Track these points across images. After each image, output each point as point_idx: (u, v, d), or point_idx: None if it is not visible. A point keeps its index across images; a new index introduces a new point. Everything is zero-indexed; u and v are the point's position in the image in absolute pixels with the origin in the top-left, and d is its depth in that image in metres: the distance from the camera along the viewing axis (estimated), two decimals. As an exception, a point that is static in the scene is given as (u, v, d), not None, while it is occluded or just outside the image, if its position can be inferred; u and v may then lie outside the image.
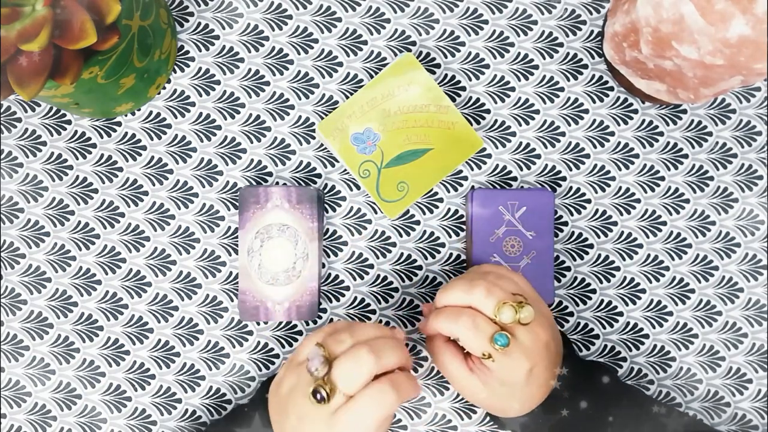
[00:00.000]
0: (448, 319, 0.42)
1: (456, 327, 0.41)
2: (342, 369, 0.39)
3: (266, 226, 0.50)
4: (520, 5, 0.53)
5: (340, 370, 0.39)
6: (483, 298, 0.41)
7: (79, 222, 0.53)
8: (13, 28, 0.38)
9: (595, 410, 0.44)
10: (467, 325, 0.41)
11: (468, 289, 0.42)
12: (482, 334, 0.41)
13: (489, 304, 0.41)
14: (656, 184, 0.53)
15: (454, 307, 0.43)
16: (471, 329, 0.41)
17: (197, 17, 0.53)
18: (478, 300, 0.42)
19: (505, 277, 0.44)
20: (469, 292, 0.42)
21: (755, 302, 0.53)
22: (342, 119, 0.50)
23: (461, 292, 0.42)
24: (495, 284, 0.42)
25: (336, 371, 0.39)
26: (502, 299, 0.41)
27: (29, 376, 0.53)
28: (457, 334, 0.42)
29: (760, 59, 0.38)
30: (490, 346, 0.41)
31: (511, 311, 0.41)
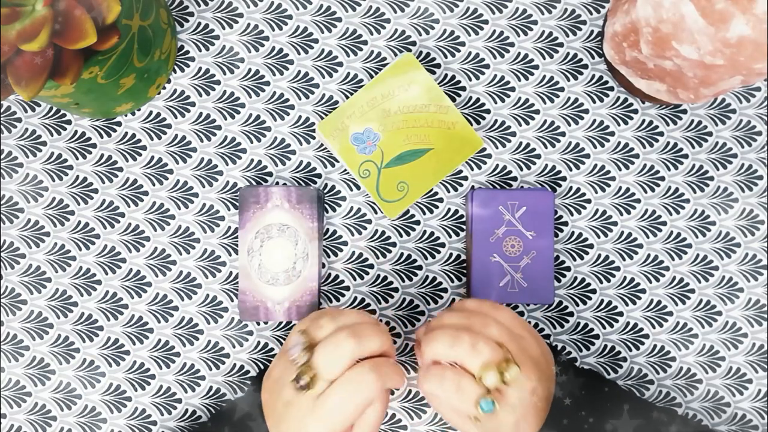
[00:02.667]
0: (434, 381, 0.40)
1: (441, 391, 0.40)
2: (322, 354, 0.39)
3: (266, 226, 0.50)
4: (520, 5, 0.53)
5: (320, 356, 0.39)
6: (468, 356, 0.40)
7: (79, 222, 0.53)
8: (13, 28, 0.38)
9: (595, 418, 0.44)
10: (452, 390, 0.40)
11: (452, 344, 0.40)
12: (467, 399, 0.39)
13: (474, 363, 0.40)
14: (656, 184, 0.53)
15: (438, 367, 0.41)
16: (455, 394, 0.40)
17: (197, 17, 0.53)
18: (462, 357, 0.40)
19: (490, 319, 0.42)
20: (453, 347, 0.40)
21: (755, 302, 0.53)
22: (342, 119, 0.50)
23: (445, 347, 0.41)
24: (479, 337, 0.40)
25: (316, 357, 0.40)
26: (487, 360, 0.40)
27: (29, 376, 0.53)
28: (443, 397, 0.40)
29: (760, 59, 0.38)
30: (476, 410, 0.39)
31: (495, 376, 0.39)
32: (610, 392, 0.46)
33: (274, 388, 0.42)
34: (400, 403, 0.53)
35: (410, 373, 0.53)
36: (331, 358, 0.39)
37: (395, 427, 0.53)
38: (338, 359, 0.39)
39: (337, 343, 0.39)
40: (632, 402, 0.46)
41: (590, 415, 0.44)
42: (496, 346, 0.40)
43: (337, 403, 0.39)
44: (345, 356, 0.39)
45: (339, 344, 0.39)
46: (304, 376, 0.39)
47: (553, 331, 0.53)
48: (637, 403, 0.46)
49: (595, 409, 0.44)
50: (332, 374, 0.39)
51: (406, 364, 0.53)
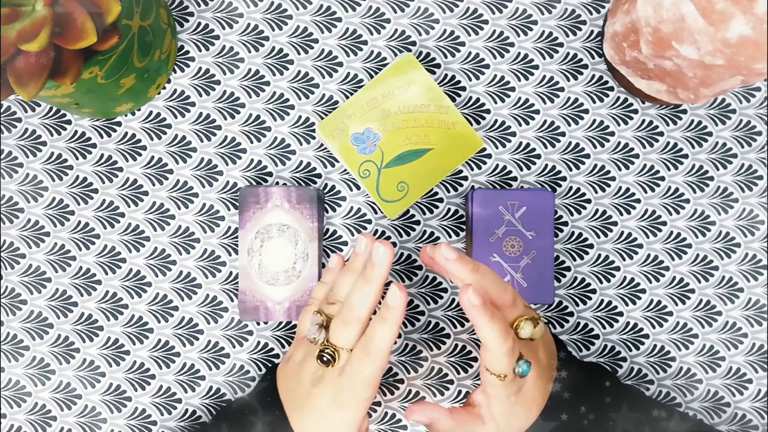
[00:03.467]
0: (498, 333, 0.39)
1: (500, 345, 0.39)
2: (334, 330, 0.41)
3: (266, 226, 0.50)
4: (520, 5, 0.53)
5: (333, 332, 0.41)
6: (510, 305, 0.41)
7: (79, 222, 0.53)
8: (13, 28, 0.38)
9: (595, 414, 0.44)
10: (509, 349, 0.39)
11: (502, 288, 0.41)
12: (512, 359, 0.40)
13: (514, 312, 0.41)
14: (656, 184, 0.53)
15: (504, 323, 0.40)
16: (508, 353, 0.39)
17: (197, 17, 0.53)
18: (505, 304, 0.41)
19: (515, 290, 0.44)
20: (503, 292, 0.41)
21: (755, 302, 0.53)
22: (342, 119, 0.50)
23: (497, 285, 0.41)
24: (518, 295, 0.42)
25: (331, 334, 0.41)
26: (523, 312, 0.41)
27: (29, 376, 0.53)
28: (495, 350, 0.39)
29: (760, 59, 0.38)
30: (511, 371, 0.40)
31: (530, 327, 0.41)
32: (610, 387, 0.46)
33: (296, 373, 0.43)
34: (399, 403, 0.53)
35: (410, 373, 0.53)
36: (343, 334, 0.41)
37: (395, 427, 0.53)
38: (348, 332, 0.41)
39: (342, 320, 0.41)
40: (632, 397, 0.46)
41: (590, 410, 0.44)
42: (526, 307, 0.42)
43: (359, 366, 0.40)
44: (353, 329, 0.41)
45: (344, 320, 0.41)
46: (327, 353, 0.41)
47: (553, 331, 0.53)
48: (637, 399, 0.46)
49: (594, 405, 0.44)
50: (351, 344, 0.41)
51: (406, 364, 0.53)
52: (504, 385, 0.40)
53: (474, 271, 0.41)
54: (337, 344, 0.41)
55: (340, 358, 0.41)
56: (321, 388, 0.41)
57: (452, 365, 0.53)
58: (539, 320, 0.41)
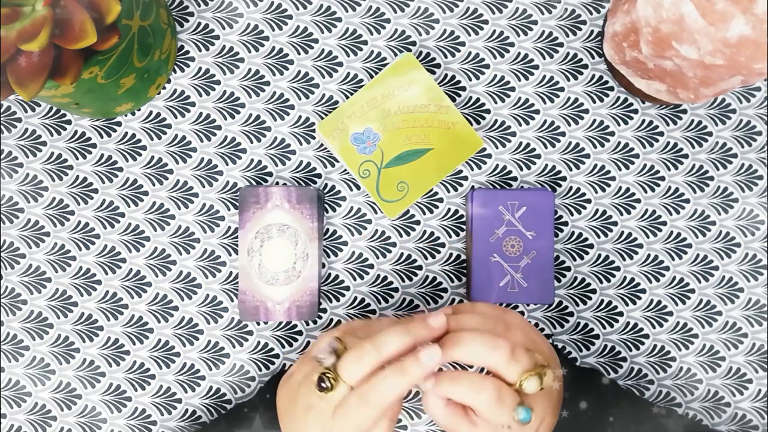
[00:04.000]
0: (469, 390, 0.38)
1: (478, 400, 0.38)
2: (347, 361, 0.39)
3: (266, 226, 0.50)
4: (520, 5, 0.53)
5: (345, 362, 0.39)
6: (506, 365, 0.38)
7: (79, 222, 0.53)
8: (13, 28, 0.38)
9: (595, 411, 0.44)
10: (492, 399, 0.37)
11: (491, 350, 0.38)
12: (506, 409, 0.38)
13: (513, 372, 0.38)
14: (656, 184, 0.53)
15: (474, 375, 0.38)
16: (495, 404, 0.37)
17: (197, 17, 0.53)
18: (501, 365, 0.38)
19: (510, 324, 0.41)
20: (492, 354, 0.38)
21: (755, 302, 0.53)
22: (342, 119, 0.50)
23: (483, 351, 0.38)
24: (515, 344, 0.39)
25: (342, 363, 0.39)
26: (526, 367, 0.38)
27: (29, 376, 0.53)
28: (477, 406, 0.38)
29: (760, 59, 0.38)
30: (511, 419, 0.38)
31: (536, 382, 0.38)
32: (609, 385, 0.46)
33: (296, 391, 0.41)
34: (400, 403, 0.53)
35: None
36: (354, 368, 0.39)
37: (395, 427, 0.53)
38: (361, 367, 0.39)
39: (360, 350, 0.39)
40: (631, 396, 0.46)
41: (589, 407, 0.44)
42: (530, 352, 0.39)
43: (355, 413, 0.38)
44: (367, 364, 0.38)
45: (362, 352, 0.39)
46: (327, 378, 0.38)
47: (553, 331, 0.53)
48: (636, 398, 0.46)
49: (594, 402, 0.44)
50: (354, 380, 0.39)
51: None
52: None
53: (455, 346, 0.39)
54: (341, 375, 0.39)
55: (337, 390, 0.39)
56: (312, 417, 0.39)
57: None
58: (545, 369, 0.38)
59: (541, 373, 0.38)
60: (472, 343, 0.38)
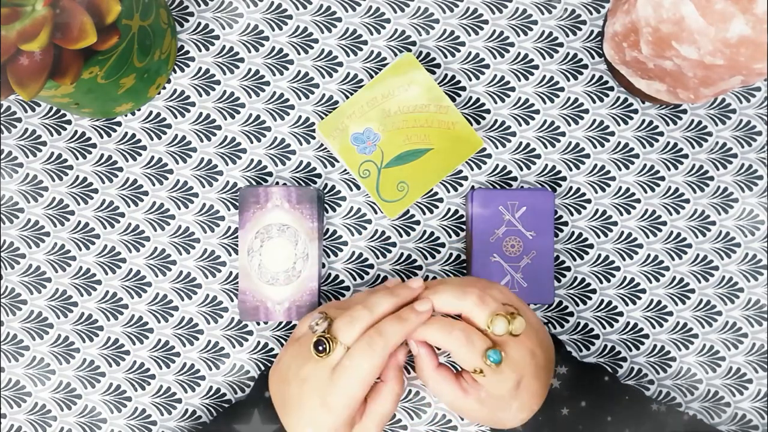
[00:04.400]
0: (439, 331, 0.41)
1: (448, 340, 0.40)
2: (341, 323, 0.41)
3: (266, 226, 0.50)
4: (520, 5, 0.53)
5: (339, 324, 0.41)
6: (475, 307, 0.41)
7: (79, 222, 0.53)
8: (13, 28, 0.38)
9: (595, 408, 0.44)
10: (460, 341, 0.40)
11: (460, 296, 0.41)
12: (475, 350, 0.40)
13: (481, 314, 0.41)
14: (656, 184, 0.53)
15: (445, 319, 0.41)
16: (464, 345, 0.40)
17: (197, 17, 0.53)
18: (470, 308, 0.41)
19: (494, 286, 0.43)
20: (461, 299, 0.41)
21: (755, 302, 0.53)
22: (342, 119, 0.50)
23: (453, 297, 0.41)
24: (486, 293, 0.41)
25: (336, 325, 0.41)
26: (495, 310, 0.41)
27: (29, 376, 0.53)
28: (449, 347, 0.40)
29: (760, 59, 0.38)
30: (482, 362, 0.40)
31: (503, 323, 0.40)
32: (610, 383, 0.46)
33: (287, 371, 0.42)
34: (400, 403, 0.53)
35: (410, 373, 0.53)
36: (349, 326, 0.41)
37: (395, 427, 0.53)
38: (354, 327, 0.40)
39: (352, 312, 0.41)
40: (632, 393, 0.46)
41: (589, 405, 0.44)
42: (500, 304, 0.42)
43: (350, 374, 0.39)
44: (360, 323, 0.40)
45: (354, 313, 0.41)
46: (324, 340, 0.40)
47: (553, 331, 0.53)
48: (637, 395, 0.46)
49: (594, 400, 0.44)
50: (350, 339, 0.40)
51: (407, 364, 0.53)
52: (491, 381, 0.40)
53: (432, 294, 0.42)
54: (337, 336, 0.40)
55: (335, 351, 0.40)
56: (309, 388, 0.40)
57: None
58: (516, 315, 0.40)
59: (509, 318, 0.40)
60: (443, 291, 0.42)
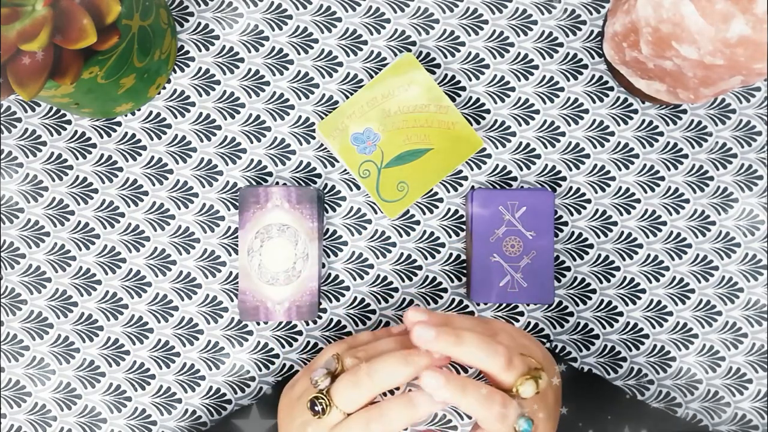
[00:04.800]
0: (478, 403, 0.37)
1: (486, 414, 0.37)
2: (340, 387, 0.38)
3: (266, 226, 0.50)
4: (520, 5, 0.53)
5: (338, 387, 0.38)
6: (503, 371, 0.38)
7: (79, 222, 0.53)
8: (13, 28, 0.38)
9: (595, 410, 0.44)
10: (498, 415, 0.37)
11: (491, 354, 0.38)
12: (509, 423, 0.37)
13: (509, 377, 0.38)
14: (656, 184, 0.53)
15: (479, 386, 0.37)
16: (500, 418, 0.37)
17: (197, 17, 0.53)
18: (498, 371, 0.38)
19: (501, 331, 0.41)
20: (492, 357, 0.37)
21: (755, 302, 0.53)
22: (342, 119, 0.50)
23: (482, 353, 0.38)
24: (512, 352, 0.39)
25: (335, 387, 0.38)
26: (522, 372, 0.38)
27: (29, 376, 0.53)
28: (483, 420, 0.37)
29: (760, 59, 0.38)
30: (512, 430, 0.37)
31: (533, 386, 0.38)
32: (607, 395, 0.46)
33: (294, 405, 0.41)
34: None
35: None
36: (348, 394, 0.38)
37: (395, 427, 0.53)
38: (355, 396, 0.38)
39: (355, 379, 0.38)
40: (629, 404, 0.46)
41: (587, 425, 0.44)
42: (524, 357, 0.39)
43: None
44: (361, 395, 0.38)
45: (356, 381, 0.38)
46: (320, 403, 0.38)
47: (553, 331, 0.53)
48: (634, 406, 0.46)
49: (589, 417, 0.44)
50: (348, 408, 0.38)
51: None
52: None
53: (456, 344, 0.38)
54: (334, 400, 0.38)
55: (331, 415, 0.38)
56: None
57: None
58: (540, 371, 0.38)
59: (537, 376, 0.38)
60: (472, 344, 0.38)
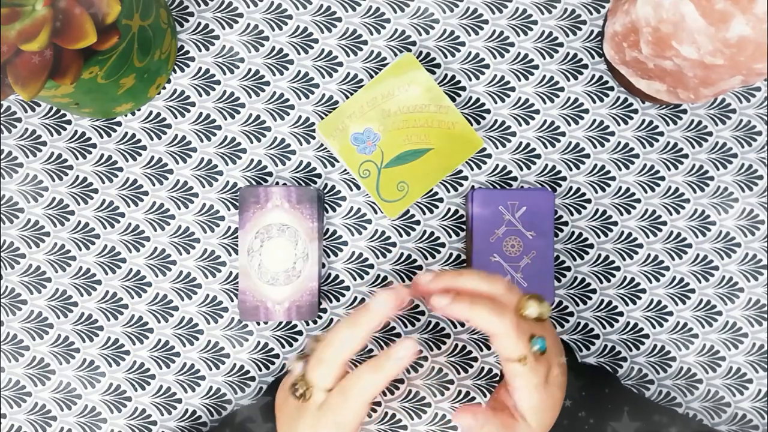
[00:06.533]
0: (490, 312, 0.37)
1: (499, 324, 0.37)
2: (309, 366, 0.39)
3: (266, 226, 0.50)
4: (520, 5, 0.53)
5: (308, 368, 0.40)
6: (506, 291, 0.39)
7: (79, 222, 0.53)
8: (13, 28, 0.38)
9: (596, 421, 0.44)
10: (512, 325, 0.37)
11: (489, 279, 0.39)
12: (524, 336, 0.37)
13: (513, 297, 0.39)
14: (656, 184, 0.53)
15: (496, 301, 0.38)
16: (515, 330, 0.37)
17: (197, 17, 0.53)
18: (501, 291, 0.39)
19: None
20: (491, 281, 0.39)
21: (755, 302, 0.53)
22: (342, 119, 0.50)
23: (481, 280, 0.39)
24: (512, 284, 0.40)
25: (308, 368, 0.40)
26: (522, 294, 0.39)
27: (29, 376, 0.53)
28: (499, 331, 0.37)
29: (760, 59, 0.38)
30: (529, 350, 0.38)
31: (536, 305, 0.38)
32: (610, 393, 0.46)
33: (285, 398, 0.42)
34: (400, 403, 0.53)
35: (410, 373, 0.53)
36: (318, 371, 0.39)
37: (395, 427, 0.53)
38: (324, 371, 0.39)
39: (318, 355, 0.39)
40: (632, 403, 0.46)
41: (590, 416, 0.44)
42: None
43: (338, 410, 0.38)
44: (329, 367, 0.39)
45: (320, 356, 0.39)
46: (300, 386, 0.39)
47: (553, 331, 0.53)
48: (638, 405, 0.46)
49: (594, 411, 0.44)
50: (325, 385, 0.39)
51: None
52: (529, 371, 0.37)
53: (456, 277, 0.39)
54: (310, 381, 0.39)
55: (313, 396, 0.39)
56: (302, 420, 0.40)
57: (452, 365, 0.53)
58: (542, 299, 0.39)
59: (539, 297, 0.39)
60: (473, 276, 0.39)
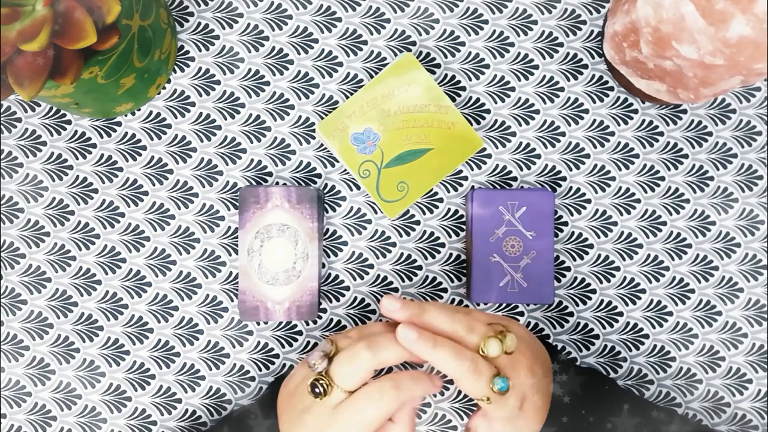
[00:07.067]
0: (452, 358, 0.38)
1: (458, 369, 0.38)
2: (339, 365, 0.39)
3: (266, 226, 0.50)
4: (520, 5, 0.53)
5: (337, 365, 0.39)
6: (466, 331, 0.40)
7: (79, 222, 0.53)
8: (13, 28, 0.38)
9: (595, 417, 0.44)
10: (470, 369, 0.38)
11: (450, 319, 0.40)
12: (483, 379, 0.39)
13: (473, 338, 0.40)
14: (656, 184, 0.53)
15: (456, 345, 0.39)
16: (473, 373, 0.38)
17: (197, 17, 0.53)
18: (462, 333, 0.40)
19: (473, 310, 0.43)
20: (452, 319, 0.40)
21: (755, 302, 0.53)
22: (342, 119, 0.50)
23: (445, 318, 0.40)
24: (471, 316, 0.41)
25: (334, 367, 0.39)
26: (485, 332, 0.40)
27: (29, 376, 0.53)
28: (456, 375, 0.39)
29: (760, 59, 0.38)
30: (489, 391, 0.39)
31: (497, 344, 0.39)
32: (610, 391, 0.46)
33: (293, 393, 0.42)
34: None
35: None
36: (348, 370, 0.39)
37: (395, 427, 0.53)
38: (355, 371, 0.39)
39: (353, 354, 0.39)
40: (632, 401, 0.46)
41: (590, 413, 0.44)
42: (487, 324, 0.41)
43: (355, 416, 0.38)
44: (361, 368, 0.39)
45: (355, 355, 0.39)
46: (320, 384, 0.39)
47: (553, 331, 0.53)
48: (637, 402, 0.46)
49: (594, 408, 0.44)
50: (349, 385, 0.39)
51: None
52: (495, 408, 0.39)
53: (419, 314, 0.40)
54: (334, 380, 0.39)
55: (332, 395, 0.39)
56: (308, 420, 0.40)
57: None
58: (507, 333, 0.40)
59: (501, 337, 0.40)
60: (435, 310, 0.40)
